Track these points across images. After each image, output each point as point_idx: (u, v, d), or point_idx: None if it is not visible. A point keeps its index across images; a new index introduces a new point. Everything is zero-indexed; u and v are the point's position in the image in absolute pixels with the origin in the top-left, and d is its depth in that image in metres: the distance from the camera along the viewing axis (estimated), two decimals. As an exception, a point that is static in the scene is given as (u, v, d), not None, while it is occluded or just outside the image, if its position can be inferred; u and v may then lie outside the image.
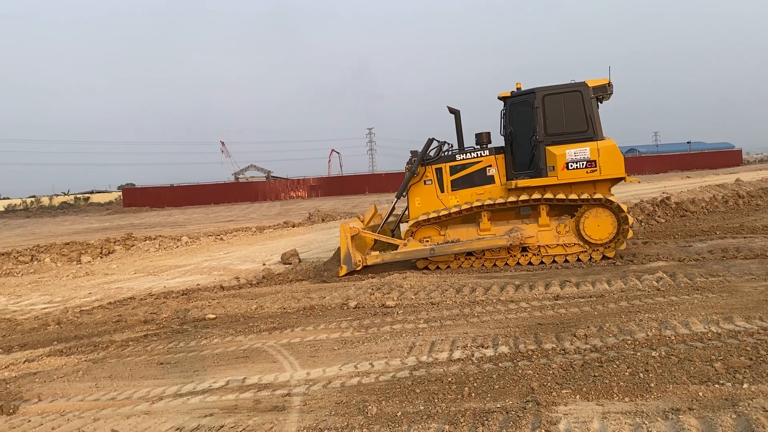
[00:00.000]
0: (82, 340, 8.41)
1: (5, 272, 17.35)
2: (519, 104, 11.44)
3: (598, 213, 10.81)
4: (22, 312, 11.16)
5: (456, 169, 11.81)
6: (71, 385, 6.32)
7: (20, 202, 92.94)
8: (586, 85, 11.01)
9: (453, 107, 12.07)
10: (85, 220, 50.13)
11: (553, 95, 11.09)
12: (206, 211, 50.33)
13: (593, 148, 10.77)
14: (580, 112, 10.95)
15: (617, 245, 10.83)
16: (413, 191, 11.98)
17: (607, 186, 11.12)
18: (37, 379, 6.68)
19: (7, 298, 12.98)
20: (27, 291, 13.80)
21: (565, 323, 6.80)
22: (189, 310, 9.61)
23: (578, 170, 10.80)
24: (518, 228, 11.03)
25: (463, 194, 11.70)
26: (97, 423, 5.15)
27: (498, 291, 8.80)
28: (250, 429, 4.69)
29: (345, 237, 11.49)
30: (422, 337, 6.80)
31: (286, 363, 6.41)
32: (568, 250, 10.99)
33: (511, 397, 4.78)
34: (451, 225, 11.56)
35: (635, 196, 20.17)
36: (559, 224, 10.99)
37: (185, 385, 5.98)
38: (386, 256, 11.51)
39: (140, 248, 20.62)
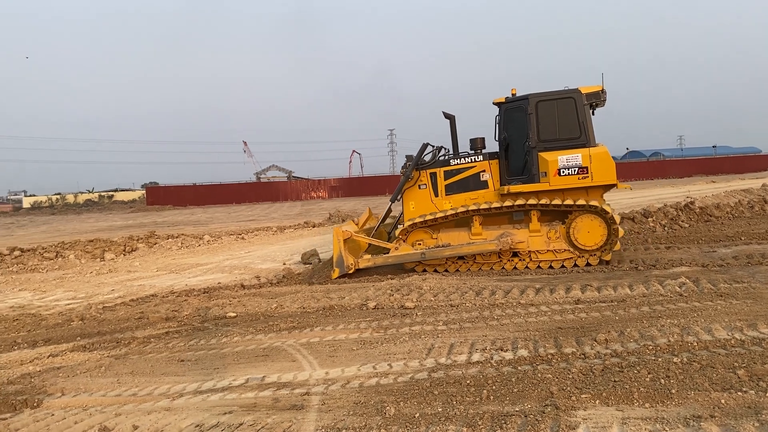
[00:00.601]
0: (104, 336, 8.52)
1: (31, 268, 17.64)
2: (513, 110, 11.50)
3: (588, 219, 10.84)
4: (46, 307, 11.34)
5: (450, 173, 11.88)
6: (94, 381, 6.41)
7: (46, 199, 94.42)
8: (579, 91, 11.04)
9: (448, 113, 12.14)
10: (109, 218, 50.78)
11: (546, 101, 11.13)
12: (228, 211, 50.72)
13: (585, 155, 10.83)
14: (572, 118, 11.00)
15: (607, 252, 10.81)
16: (408, 195, 12.07)
17: (600, 192, 11.17)
18: (61, 373, 6.78)
19: (33, 294, 13.20)
20: (51, 287, 14.01)
21: (585, 327, 6.75)
22: (210, 308, 9.69)
23: (570, 176, 10.87)
24: (509, 233, 11.07)
25: (457, 199, 11.75)
26: (119, 418, 5.22)
27: (518, 294, 8.76)
28: (268, 427, 4.73)
29: (338, 240, 11.60)
30: (441, 339, 6.79)
31: (305, 362, 6.44)
32: (558, 255, 11.02)
33: (530, 401, 4.76)
34: (443, 229, 11.65)
35: (659, 200, 19.95)
36: (550, 230, 11.03)
37: (205, 382, 6.04)
38: (378, 260, 11.65)
39: (163, 246, 20.85)
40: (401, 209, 12.49)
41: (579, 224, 10.87)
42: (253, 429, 4.72)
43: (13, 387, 6.38)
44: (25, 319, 10.09)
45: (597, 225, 10.81)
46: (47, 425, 5.18)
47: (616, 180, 10.94)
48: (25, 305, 11.80)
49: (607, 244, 10.81)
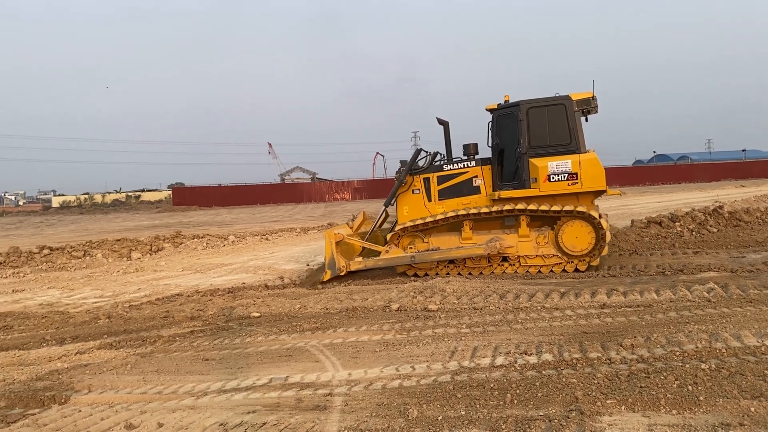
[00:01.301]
0: (130, 334, 8.63)
1: (59, 266, 17.92)
2: (505, 116, 11.58)
3: (577, 225, 10.90)
4: (74, 305, 11.52)
5: (443, 179, 11.98)
6: (120, 378, 6.49)
7: (74, 199, 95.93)
8: (569, 98, 11.10)
9: (442, 119, 12.23)
10: (136, 218, 51.41)
11: (537, 108, 11.21)
12: (252, 211, 51.08)
13: (575, 161, 10.86)
14: (563, 125, 11.05)
15: (595, 258, 10.86)
16: (402, 200, 12.21)
17: (590, 198, 11.22)
18: (88, 370, 6.87)
19: (61, 292, 13.41)
20: (79, 285, 14.23)
21: (611, 332, 6.67)
22: (234, 308, 9.77)
23: (560, 182, 10.92)
24: (498, 238, 11.17)
25: (450, 204, 11.85)
26: (144, 416, 5.27)
27: (542, 298, 8.69)
28: (291, 427, 4.74)
29: (330, 243, 11.77)
30: (464, 342, 6.76)
31: (328, 363, 6.45)
32: (547, 261, 11.10)
33: (555, 406, 4.72)
34: (435, 233, 11.76)
35: (686, 204, 19.68)
36: (539, 235, 11.10)
37: (229, 381, 6.08)
38: (369, 263, 11.80)
39: (188, 246, 21.06)
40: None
41: (567, 230, 10.95)
42: (276, 429, 4.74)
43: (41, 383, 6.48)
44: (54, 317, 10.25)
45: (585, 230, 10.88)
46: (74, 421, 5.25)
47: (605, 186, 10.99)
48: (54, 303, 12.00)
49: (595, 249, 10.86)
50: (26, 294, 13.36)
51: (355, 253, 12.29)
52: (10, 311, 11.11)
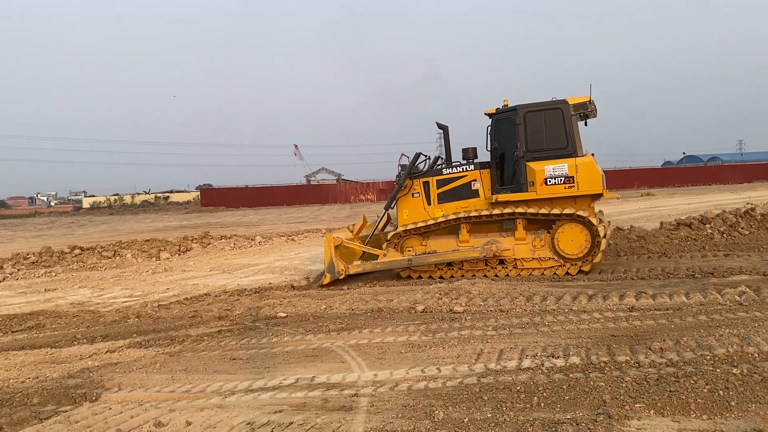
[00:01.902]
0: (159, 333, 8.74)
1: (90, 266, 18.22)
2: (503, 121, 11.70)
3: (572, 228, 10.98)
4: (104, 305, 11.70)
5: (442, 182, 12.12)
6: (149, 377, 6.58)
7: (104, 200, 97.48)
8: (566, 102, 11.19)
9: (442, 123, 12.33)
10: (165, 219, 52.08)
11: (534, 112, 11.32)
12: (279, 212, 51.41)
13: (571, 165, 10.98)
14: (560, 129, 11.16)
15: (591, 261, 10.89)
16: (402, 203, 12.36)
17: (587, 202, 11.27)
18: (118, 369, 6.98)
19: (92, 291, 13.64)
20: (109, 285, 14.45)
21: (639, 336, 6.59)
22: (261, 308, 9.84)
23: (556, 186, 11.05)
24: (495, 241, 11.26)
25: (449, 207, 11.96)
26: (173, 414, 5.34)
27: (570, 300, 8.61)
28: (318, 427, 4.77)
29: (329, 247, 11.99)
30: (491, 345, 6.73)
31: (353, 364, 6.47)
32: (543, 264, 11.19)
33: (582, 409, 4.68)
34: (433, 236, 11.87)
35: (717, 206, 19.34)
36: (535, 238, 11.20)
37: (256, 380, 6.13)
38: (367, 266, 11.94)
39: (216, 246, 21.28)
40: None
41: (563, 233, 11.03)
42: (302, 428, 4.76)
43: (73, 381, 6.59)
44: (85, 316, 10.43)
45: (581, 234, 10.95)
46: (105, 419, 5.34)
47: (602, 189, 11.00)
48: (85, 302, 12.21)
49: (590, 252, 10.90)
50: (58, 293, 13.61)
51: (356, 257, 12.42)
52: (43, 310, 11.33)
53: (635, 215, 24.10)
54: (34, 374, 6.96)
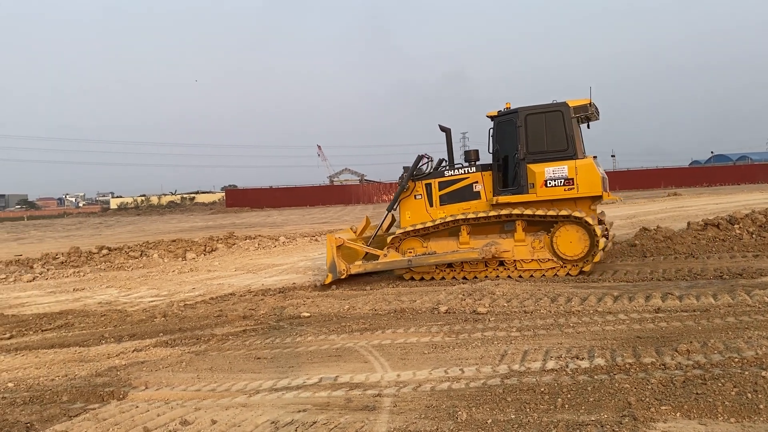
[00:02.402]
0: (185, 332, 8.84)
1: (117, 266, 18.49)
2: (505, 123, 11.78)
3: (571, 229, 11.04)
4: (131, 304, 11.87)
5: (444, 184, 12.19)
6: (175, 375, 6.67)
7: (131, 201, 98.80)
8: (566, 105, 11.27)
9: (444, 126, 12.44)
10: (191, 219, 52.63)
11: (534, 115, 11.39)
12: (302, 213, 51.67)
13: (571, 167, 11.04)
14: (560, 131, 11.23)
15: (590, 261, 10.92)
16: (404, 205, 12.47)
17: (588, 203, 11.34)
18: (145, 367, 7.08)
19: (119, 291, 13.84)
20: (136, 284, 14.65)
21: (665, 337, 6.51)
22: (285, 308, 9.91)
23: (556, 188, 11.11)
24: (494, 242, 11.34)
25: (451, 209, 12.02)
26: (198, 412, 5.40)
27: (595, 302, 8.53)
28: (341, 427, 4.79)
29: (331, 247, 12.10)
30: (514, 346, 6.70)
31: (377, 364, 6.49)
32: (542, 265, 11.27)
33: (607, 411, 4.64)
34: (434, 238, 11.96)
35: (746, 206, 19.02)
36: (534, 240, 11.28)
37: (280, 380, 6.17)
38: (368, 266, 12.08)
39: (241, 247, 21.46)
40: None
41: (562, 234, 11.09)
42: (326, 428, 4.79)
43: (101, 379, 6.70)
44: (112, 315, 10.58)
45: (579, 235, 11.00)
46: (132, 417, 5.42)
47: (601, 191, 11.03)
48: (112, 301, 12.39)
49: (589, 254, 10.94)
50: (86, 293, 13.83)
51: (358, 257, 12.53)
52: (71, 309, 11.52)
53: (662, 215, 23.80)
54: (64, 372, 7.09)
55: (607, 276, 10.74)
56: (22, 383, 6.76)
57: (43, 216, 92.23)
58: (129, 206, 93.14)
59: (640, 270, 11.05)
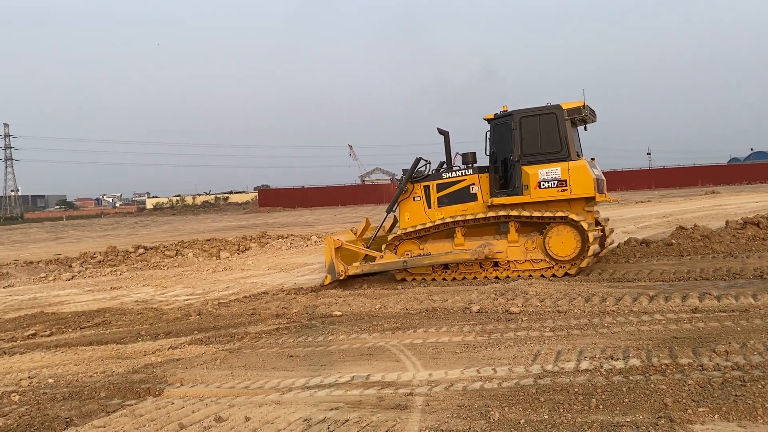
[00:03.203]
0: (219, 330, 8.95)
1: (153, 265, 18.81)
2: (501, 126, 11.96)
3: (563, 230, 11.14)
4: (167, 302, 12.06)
5: (442, 186, 12.33)
6: (210, 373, 6.75)
7: (167, 201, 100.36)
8: (560, 107, 11.42)
9: (442, 129, 12.62)
10: (224, 219, 53.29)
11: (529, 117, 11.57)
12: (334, 212, 51.90)
13: (564, 168, 11.19)
14: (554, 133, 11.38)
15: (584, 260, 11.00)
16: (403, 206, 12.63)
17: (582, 205, 11.43)
18: (180, 365, 7.18)
19: (155, 289, 14.08)
20: (172, 283, 14.88)
21: (703, 338, 6.39)
22: (317, 307, 9.97)
23: (550, 189, 11.25)
24: (488, 243, 11.49)
25: (449, 210, 12.13)
26: (232, 409, 5.47)
27: (630, 301, 8.41)
28: (373, 425, 4.80)
29: (329, 249, 12.24)
30: (548, 346, 6.64)
31: (408, 363, 6.49)
32: (535, 265, 11.39)
33: (642, 412, 4.57)
34: (431, 240, 12.09)
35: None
36: (527, 240, 11.42)
37: (313, 378, 6.21)
38: (365, 267, 12.22)
39: (273, 246, 21.65)
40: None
41: (554, 235, 11.20)
42: (358, 426, 4.81)
43: (137, 376, 6.83)
44: (148, 313, 10.77)
45: (571, 236, 11.10)
46: (168, 413, 5.50)
47: (593, 193, 11.15)
48: (148, 300, 12.61)
49: (581, 254, 11.01)
50: (123, 291, 14.10)
51: (358, 258, 12.64)
52: (109, 307, 11.75)
53: (699, 214, 23.36)
54: (101, 369, 7.23)
55: (643, 275, 10.57)
56: (62, 379, 6.92)
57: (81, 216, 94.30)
58: (164, 206, 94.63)
59: (676, 269, 10.85)
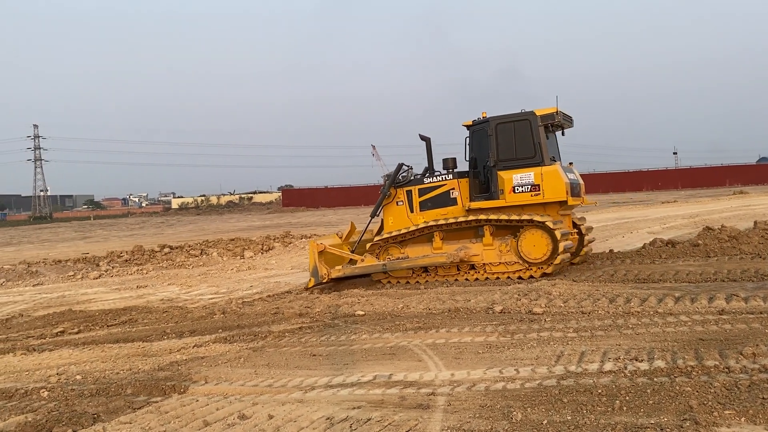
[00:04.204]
0: (243, 329, 9.04)
1: (178, 264, 19.02)
2: (479, 132, 12.37)
3: (535, 234, 11.41)
4: (192, 301, 12.20)
5: (423, 191, 12.58)
6: (234, 371, 6.82)
7: (192, 201, 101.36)
8: (534, 114, 11.77)
9: (424, 135, 12.97)
10: (248, 218, 53.70)
11: (504, 123, 11.90)
12: (356, 212, 51.93)
13: (537, 173, 11.50)
14: (528, 139, 11.70)
15: (549, 266, 11.28)
16: (387, 211, 12.85)
17: (556, 209, 11.74)
18: (204, 363, 7.26)
19: (180, 288, 14.24)
20: (197, 282, 15.04)
21: (730, 340, 6.30)
22: (340, 306, 10.01)
23: (524, 194, 11.57)
24: (464, 247, 11.82)
25: (430, 214, 12.37)
26: (256, 407, 5.52)
27: (655, 303, 8.31)
28: (395, 424, 4.81)
29: (313, 252, 12.48)
30: (571, 347, 6.60)
31: (430, 363, 6.49)
32: (509, 267, 11.67)
33: (667, 414, 4.52)
34: (411, 244, 12.36)
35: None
36: (502, 244, 11.72)
37: (335, 377, 6.25)
38: (347, 270, 12.46)
39: (297, 246, 21.75)
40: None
41: (526, 238, 11.48)
42: (380, 425, 4.82)
43: (163, 373, 6.92)
44: (173, 311, 10.90)
45: (542, 239, 11.35)
46: (192, 410, 5.57)
47: (566, 197, 11.40)
48: (173, 298, 12.77)
49: (552, 256, 11.25)
50: (149, 290, 14.29)
51: (343, 261, 12.85)
52: (135, 306, 11.92)
53: (726, 214, 23.01)
54: (128, 366, 7.34)
55: (669, 276, 10.44)
56: (89, 376, 7.03)
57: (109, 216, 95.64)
58: (189, 206, 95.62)
59: (703, 270, 10.69)
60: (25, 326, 10.65)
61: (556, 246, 11.20)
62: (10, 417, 5.68)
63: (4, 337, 9.81)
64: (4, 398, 6.44)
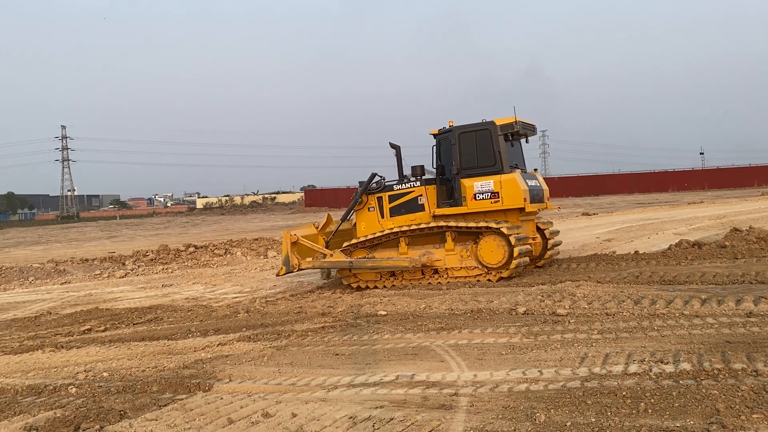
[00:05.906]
0: (267, 328, 9.10)
1: (203, 263, 19.21)
2: (444, 141, 12.79)
3: (492, 239, 11.78)
4: (216, 300, 12.32)
5: (393, 197, 13.02)
6: (257, 369, 6.88)
7: (216, 201, 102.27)
8: (494, 123, 12.18)
9: (394, 143, 13.33)
10: (272, 218, 54.01)
11: (467, 133, 12.35)
12: (380, 213, 51.91)
13: (496, 181, 11.90)
14: (488, 148, 12.13)
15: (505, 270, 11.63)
16: (359, 216, 13.29)
17: (515, 215, 12.10)
18: (229, 361, 7.33)
19: (204, 287, 14.39)
20: (221, 281, 15.18)
21: (758, 343, 6.20)
22: (362, 306, 10.04)
23: (484, 201, 11.97)
24: (428, 252, 12.13)
25: (399, 220, 12.76)
26: (279, 405, 5.56)
27: (681, 305, 8.21)
28: (418, 424, 4.82)
29: (286, 242, 12.92)
30: (595, 348, 6.54)
31: (453, 363, 6.49)
32: (470, 272, 12.03)
33: (693, 417, 4.47)
34: (380, 249, 12.61)
35: None
36: (462, 249, 12.08)
37: (358, 376, 6.27)
38: (316, 263, 12.85)
39: (319, 246, 21.79)
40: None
41: (484, 244, 11.84)
42: (403, 425, 4.83)
43: (188, 371, 7.00)
44: (198, 310, 11.02)
45: (499, 245, 11.71)
46: (217, 408, 5.63)
47: (523, 204, 11.81)
48: (198, 297, 12.90)
49: (509, 261, 11.61)
50: (174, 288, 14.45)
51: (314, 254, 13.12)
52: (160, 304, 12.06)
53: (755, 215, 22.62)
54: (153, 364, 7.44)
55: (695, 278, 10.29)
56: (116, 373, 7.14)
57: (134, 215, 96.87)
58: (214, 206, 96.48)
59: (730, 272, 10.53)
60: (53, 324, 10.85)
61: (512, 251, 11.52)
62: (40, 413, 5.79)
63: (33, 335, 10.00)
64: (33, 394, 6.57)
